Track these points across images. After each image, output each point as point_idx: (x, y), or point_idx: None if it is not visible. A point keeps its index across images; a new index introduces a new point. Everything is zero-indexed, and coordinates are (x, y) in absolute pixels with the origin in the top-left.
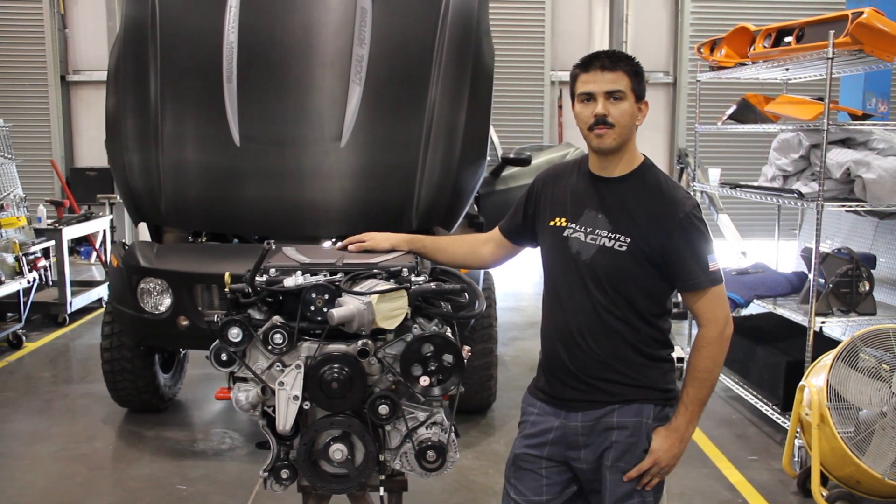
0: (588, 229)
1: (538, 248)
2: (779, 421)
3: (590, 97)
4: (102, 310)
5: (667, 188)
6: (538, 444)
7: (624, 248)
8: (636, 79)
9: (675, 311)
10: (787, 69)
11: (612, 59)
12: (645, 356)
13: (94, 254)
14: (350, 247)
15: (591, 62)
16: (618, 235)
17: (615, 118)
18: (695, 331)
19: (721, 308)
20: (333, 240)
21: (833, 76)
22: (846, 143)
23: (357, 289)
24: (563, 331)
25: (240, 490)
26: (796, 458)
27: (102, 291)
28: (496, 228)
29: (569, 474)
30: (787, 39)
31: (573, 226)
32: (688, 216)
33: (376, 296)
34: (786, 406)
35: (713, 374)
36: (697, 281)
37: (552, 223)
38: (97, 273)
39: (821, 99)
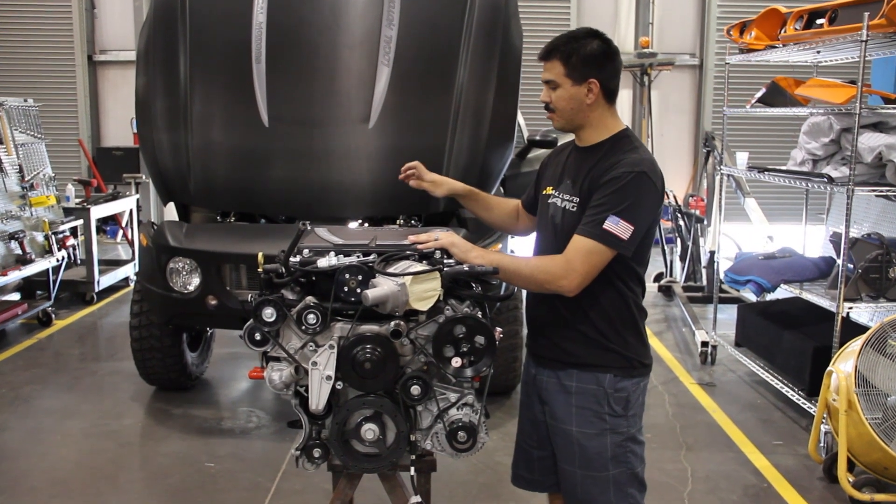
0: (562, 194)
1: None
2: (805, 406)
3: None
4: (129, 288)
5: (620, 152)
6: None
7: (575, 209)
8: (571, 61)
9: (661, 283)
10: (818, 52)
11: (548, 50)
12: (607, 321)
13: (121, 233)
14: (408, 179)
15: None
16: (572, 197)
17: (554, 104)
18: (720, 315)
19: (581, 262)
20: (360, 220)
21: (866, 59)
22: (878, 126)
23: (391, 270)
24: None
25: (267, 468)
26: (822, 444)
27: (129, 270)
28: (520, 202)
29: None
30: (819, 21)
31: (555, 192)
32: (622, 175)
33: (410, 277)
34: (812, 391)
35: (522, 275)
36: (582, 227)
37: (545, 192)
38: (123, 252)
39: (853, 82)
